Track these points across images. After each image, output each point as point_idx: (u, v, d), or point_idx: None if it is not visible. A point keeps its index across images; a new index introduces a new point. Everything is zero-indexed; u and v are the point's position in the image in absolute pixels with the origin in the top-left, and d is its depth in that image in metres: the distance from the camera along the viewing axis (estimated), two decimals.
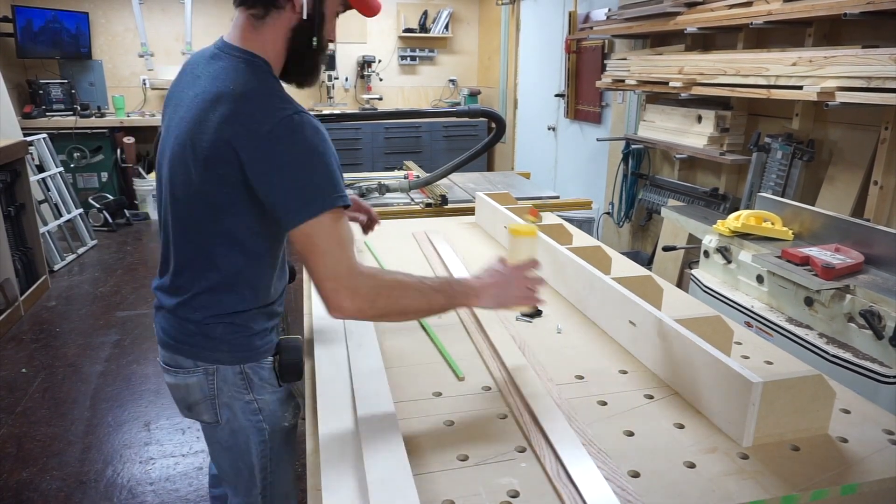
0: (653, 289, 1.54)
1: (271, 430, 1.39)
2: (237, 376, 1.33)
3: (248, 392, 1.35)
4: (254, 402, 1.36)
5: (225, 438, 1.39)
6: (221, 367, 1.31)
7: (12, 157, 4.17)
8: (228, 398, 1.34)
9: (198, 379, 1.33)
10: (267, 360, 1.36)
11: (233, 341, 1.30)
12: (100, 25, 6.61)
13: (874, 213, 2.48)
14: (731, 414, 1.08)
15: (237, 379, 1.33)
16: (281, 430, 1.42)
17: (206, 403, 1.35)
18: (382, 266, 2.00)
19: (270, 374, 1.37)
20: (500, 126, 2.81)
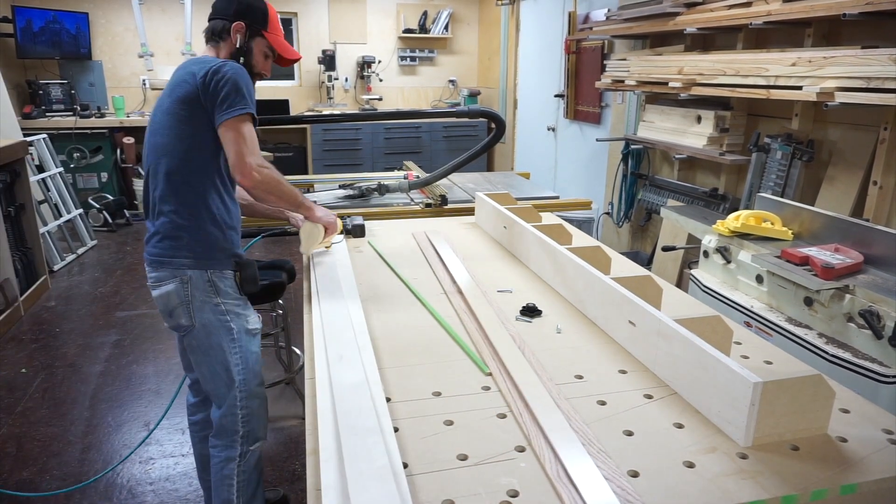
0: (652, 289, 1.54)
1: (237, 329, 1.80)
2: (206, 283, 1.75)
3: (215, 296, 1.77)
4: (221, 304, 1.78)
5: (201, 340, 1.78)
6: (193, 275, 1.73)
7: (12, 158, 4.17)
8: (200, 302, 1.75)
9: (175, 286, 1.74)
10: (228, 271, 1.80)
11: (198, 251, 1.73)
12: (100, 25, 6.61)
13: (874, 213, 2.49)
14: (730, 414, 1.08)
15: (206, 285, 1.75)
16: (246, 332, 1.82)
17: (182, 307, 1.75)
18: (389, 264, 2.00)
19: (233, 285, 1.81)
20: (500, 126, 2.82)
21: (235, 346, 1.80)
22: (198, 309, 1.75)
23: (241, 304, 1.83)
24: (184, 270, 1.73)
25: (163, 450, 2.69)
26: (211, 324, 1.77)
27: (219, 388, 1.83)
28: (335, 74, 7.13)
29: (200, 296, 1.75)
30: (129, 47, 6.70)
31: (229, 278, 1.80)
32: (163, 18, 6.75)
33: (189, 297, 1.74)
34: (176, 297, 1.75)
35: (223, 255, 1.78)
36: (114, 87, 6.72)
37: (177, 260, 1.73)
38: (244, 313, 1.83)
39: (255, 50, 1.86)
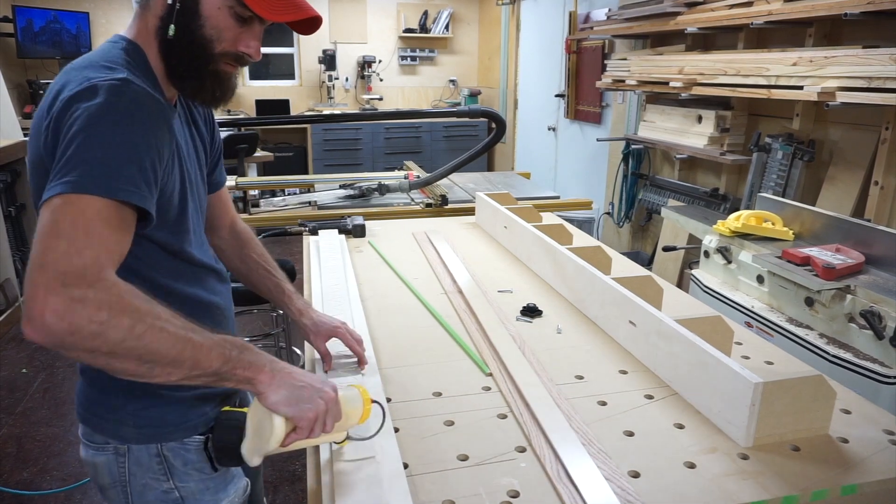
0: (653, 289, 1.54)
1: None
2: (153, 459, 1.08)
3: (166, 479, 1.10)
4: (175, 489, 1.10)
5: None
6: (133, 447, 1.07)
7: (12, 157, 4.17)
8: (141, 486, 1.09)
9: (105, 458, 1.09)
10: (192, 438, 1.10)
11: (138, 413, 1.05)
12: (100, 25, 6.61)
13: (875, 213, 2.48)
14: (731, 414, 1.08)
15: (153, 463, 1.08)
16: None
17: (116, 489, 1.10)
18: (389, 264, 2.00)
19: (200, 457, 1.11)
20: (500, 126, 2.81)
21: None
22: (137, 493, 1.10)
23: (216, 483, 1.14)
24: (119, 441, 1.08)
25: None
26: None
27: None
28: (335, 74, 7.13)
29: (143, 475, 1.09)
30: None
31: (194, 449, 1.11)
32: None
33: (125, 475, 1.09)
34: (106, 475, 1.10)
35: (181, 412, 1.09)
36: None
37: (106, 425, 1.08)
38: (214, 497, 1.14)
39: (206, 8, 0.97)
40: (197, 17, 0.98)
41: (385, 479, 0.94)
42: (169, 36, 0.98)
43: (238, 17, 0.99)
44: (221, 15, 0.98)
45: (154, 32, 1.00)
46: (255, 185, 3.29)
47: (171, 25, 0.97)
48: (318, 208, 2.80)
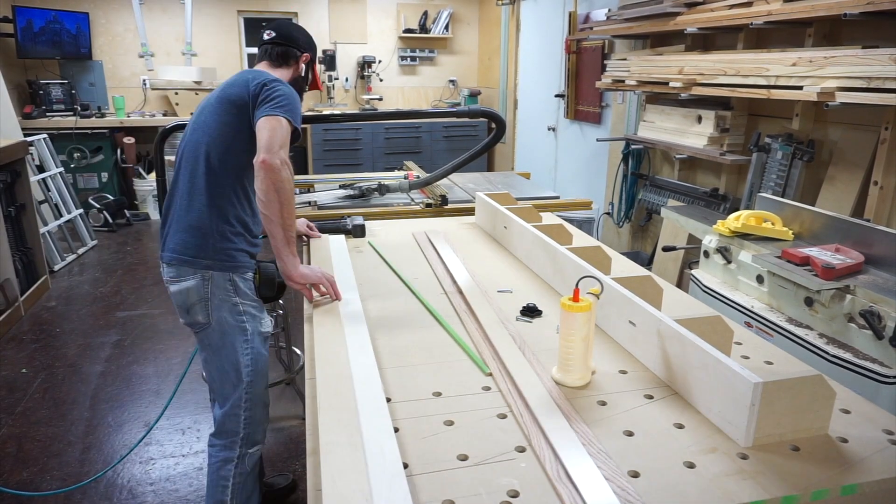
0: (653, 289, 1.54)
1: (252, 330, 1.81)
2: (227, 283, 1.77)
3: (234, 295, 1.78)
4: (238, 304, 1.79)
5: (215, 339, 1.78)
6: (215, 275, 1.75)
7: (12, 158, 4.17)
8: (219, 301, 1.76)
9: (195, 283, 1.75)
10: (248, 274, 1.82)
11: (222, 252, 1.75)
12: (100, 25, 6.61)
13: (874, 213, 2.48)
14: (730, 414, 1.08)
15: (227, 284, 1.77)
16: (259, 334, 1.83)
17: (200, 304, 1.76)
18: (389, 264, 2.00)
19: (251, 287, 1.83)
20: (500, 126, 2.81)
21: (248, 347, 1.81)
22: (216, 307, 1.77)
23: (258, 305, 1.85)
24: (206, 269, 1.75)
25: (163, 450, 2.69)
26: (227, 323, 1.78)
27: (225, 387, 1.83)
28: (335, 74, 7.13)
29: (220, 294, 1.76)
30: (130, 47, 6.71)
31: (249, 280, 1.82)
32: (163, 18, 6.75)
33: (209, 294, 1.75)
34: (195, 294, 1.76)
35: (245, 257, 1.80)
36: (114, 87, 6.72)
37: (200, 259, 1.74)
38: (259, 315, 1.85)
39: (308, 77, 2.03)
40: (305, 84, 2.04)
41: (385, 479, 0.94)
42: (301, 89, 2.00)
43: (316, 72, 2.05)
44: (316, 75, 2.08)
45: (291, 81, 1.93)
46: None
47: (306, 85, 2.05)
48: (318, 208, 2.80)
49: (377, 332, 1.50)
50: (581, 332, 1.22)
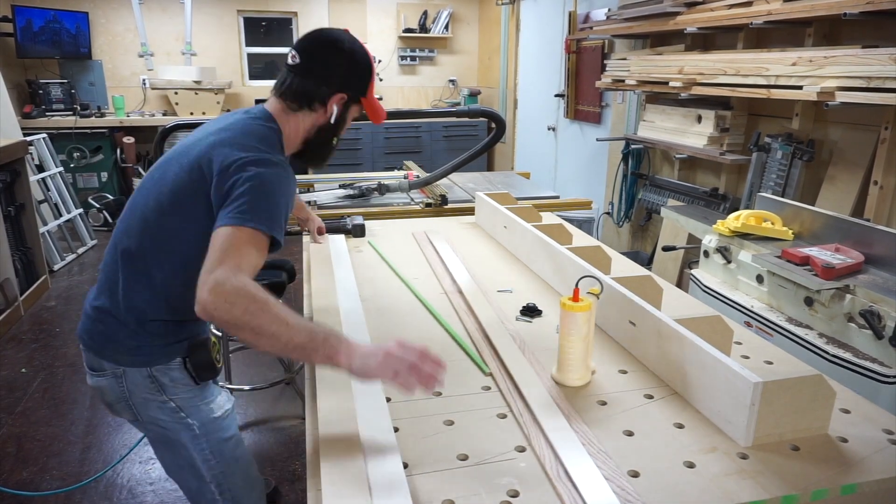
0: (653, 289, 1.54)
1: (199, 423, 1.42)
2: (146, 380, 1.37)
3: (160, 394, 1.39)
4: (169, 401, 1.39)
5: (157, 435, 1.46)
6: (128, 371, 1.37)
7: (12, 157, 4.17)
8: (142, 399, 1.39)
9: (107, 381, 1.38)
10: (173, 361, 1.39)
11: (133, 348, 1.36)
12: (100, 25, 6.61)
13: (874, 212, 2.48)
14: (730, 414, 1.08)
15: (146, 382, 1.37)
16: (212, 421, 1.44)
17: (121, 404, 1.41)
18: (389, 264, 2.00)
19: (181, 374, 1.40)
20: (500, 126, 2.81)
21: (201, 442, 1.43)
22: (140, 406, 1.40)
23: (198, 391, 1.43)
24: (115, 364, 1.37)
25: None
26: (162, 422, 1.41)
27: (189, 483, 1.50)
28: None
29: (141, 392, 1.38)
30: (129, 47, 6.70)
31: (176, 368, 1.39)
32: (163, 18, 6.74)
33: (126, 393, 1.38)
34: (111, 393, 1.40)
35: (162, 348, 1.38)
36: (114, 86, 6.72)
37: (106, 351, 1.37)
38: (204, 402, 1.44)
39: (348, 119, 1.49)
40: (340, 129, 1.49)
41: (385, 478, 0.94)
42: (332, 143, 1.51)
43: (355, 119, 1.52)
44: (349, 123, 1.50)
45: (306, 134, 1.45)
46: None
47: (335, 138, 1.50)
48: (317, 208, 2.80)
49: (377, 332, 1.50)
50: (581, 331, 1.22)
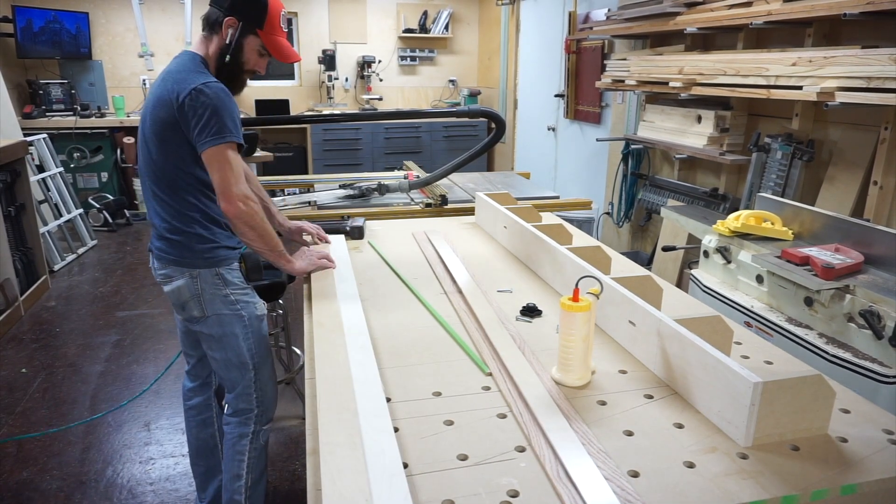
0: (652, 289, 1.54)
1: (248, 316, 1.85)
2: (214, 277, 1.80)
3: (224, 287, 1.82)
4: (230, 295, 1.82)
5: (215, 330, 1.83)
6: (202, 272, 1.79)
7: (12, 157, 4.17)
8: (211, 295, 1.80)
9: (185, 282, 1.79)
10: (234, 264, 1.84)
11: (202, 252, 1.78)
12: (100, 25, 6.61)
13: (874, 213, 2.48)
14: (730, 414, 1.08)
15: (215, 279, 1.80)
16: (256, 318, 1.88)
17: (194, 301, 1.81)
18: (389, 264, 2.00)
19: (239, 276, 1.85)
20: (500, 126, 2.82)
21: (248, 332, 1.86)
22: (209, 301, 1.81)
23: (249, 292, 1.89)
24: (192, 268, 1.78)
25: (163, 450, 2.69)
26: (223, 314, 1.82)
27: (232, 374, 1.89)
28: (335, 74, 7.13)
29: (210, 289, 1.80)
30: (129, 47, 6.71)
31: (236, 269, 1.84)
32: (163, 18, 6.75)
33: (199, 290, 1.79)
34: (187, 292, 1.80)
35: (225, 251, 1.82)
36: (114, 86, 6.72)
37: (185, 260, 1.78)
38: (252, 301, 1.88)
39: (247, 48, 1.76)
40: (241, 54, 1.77)
41: (385, 478, 0.94)
42: (225, 62, 1.77)
43: (260, 54, 1.79)
44: (253, 53, 1.78)
45: (215, 56, 1.77)
46: None
47: (227, 56, 1.76)
48: (317, 208, 2.80)
49: (377, 332, 1.50)
50: (581, 331, 1.22)
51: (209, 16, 1.76)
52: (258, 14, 1.73)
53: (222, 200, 1.67)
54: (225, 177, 1.66)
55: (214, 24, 1.74)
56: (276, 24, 1.77)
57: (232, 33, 1.73)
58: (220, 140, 1.64)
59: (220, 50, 1.75)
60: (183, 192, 1.75)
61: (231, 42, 1.74)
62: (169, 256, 1.79)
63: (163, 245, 1.80)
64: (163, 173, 1.74)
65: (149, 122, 1.72)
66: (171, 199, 1.76)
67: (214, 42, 1.76)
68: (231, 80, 1.77)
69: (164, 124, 1.68)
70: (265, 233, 1.75)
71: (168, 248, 1.79)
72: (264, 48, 1.78)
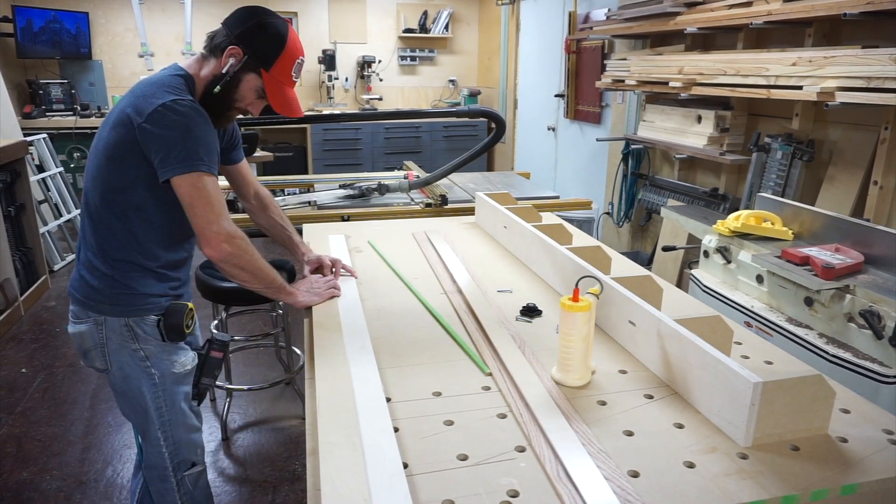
0: (652, 289, 1.54)
1: (160, 374, 1.61)
2: (123, 328, 1.56)
3: (133, 342, 1.57)
4: (140, 350, 1.58)
5: (119, 384, 1.62)
6: (108, 320, 1.56)
7: (12, 157, 4.17)
8: (117, 346, 1.57)
9: (88, 328, 1.57)
10: (150, 317, 1.58)
11: (114, 298, 1.54)
12: (100, 25, 6.61)
13: (874, 213, 2.48)
14: (730, 414, 1.08)
15: (123, 330, 1.56)
16: (171, 376, 1.63)
17: (97, 350, 1.58)
18: (389, 264, 2.00)
19: (154, 330, 1.58)
20: (500, 126, 2.82)
21: (158, 391, 1.62)
22: (114, 352, 1.58)
23: (167, 348, 1.62)
24: (98, 313, 1.56)
25: None
26: (129, 368, 1.59)
27: (139, 424, 1.68)
28: (335, 74, 7.13)
29: (117, 339, 1.57)
30: (129, 47, 6.71)
31: (150, 324, 1.58)
32: (163, 18, 6.75)
33: (103, 340, 1.57)
34: (90, 339, 1.58)
35: (145, 302, 1.57)
36: (114, 86, 6.72)
37: (90, 302, 1.56)
38: (169, 358, 1.62)
39: (245, 85, 1.54)
40: (235, 90, 1.55)
41: (385, 478, 0.94)
42: (214, 91, 1.53)
43: (259, 95, 1.57)
44: (250, 92, 1.56)
45: (207, 81, 1.55)
46: None
47: (218, 88, 1.53)
48: (317, 208, 2.80)
49: (377, 332, 1.50)
50: (581, 331, 1.22)
51: (214, 36, 1.55)
52: (269, 53, 1.52)
53: (203, 244, 1.45)
54: (202, 214, 1.42)
55: (216, 48, 1.54)
56: (286, 71, 1.56)
57: (232, 64, 1.51)
58: (190, 168, 1.41)
59: (213, 77, 1.53)
60: (118, 224, 1.51)
61: (227, 74, 1.52)
62: (76, 294, 1.58)
63: (75, 279, 1.59)
64: (102, 199, 1.50)
65: (103, 136, 1.49)
66: (100, 231, 1.53)
67: (210, 65, 1.55)
68: (216, 112, 1.56)
69: (119, 143, 1.45)
70: (258, 270, 1.54)
71: (78, 285, 1.58)
72: (264, 92, 1.56)
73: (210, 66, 1.55)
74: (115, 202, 1.50)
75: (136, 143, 1.43)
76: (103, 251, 1.53)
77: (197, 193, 1.42)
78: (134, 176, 1.47)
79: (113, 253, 1.53)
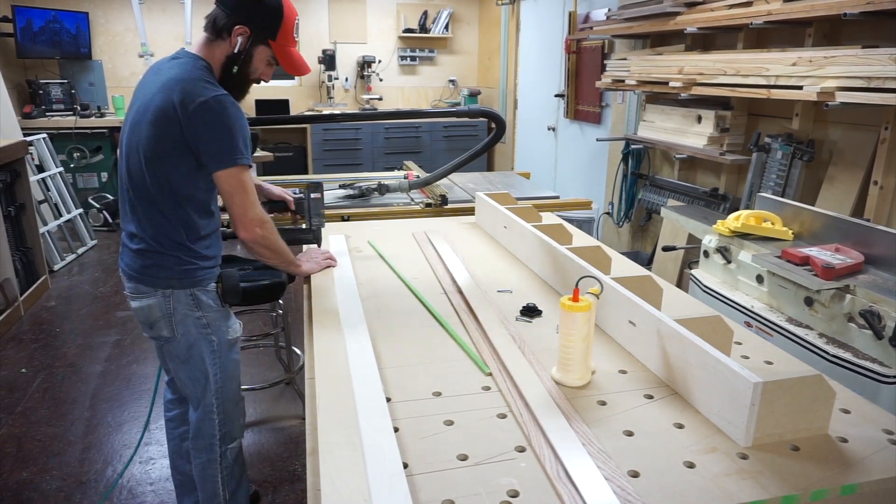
0: (652, 289, 1.54)
1: (218, 340, 1.78)
2: (188, 298, 1.72)
3: (197, 309, 1.73)
4: (202, 317, 1.74)
5: (182, 351, 1.77)
6: (175, 291, 1.70)
7: (12, 157, 4.17)
8: (182, 315, 1.72)
9: (156, 300, 1.70)
10: (210, 285, 1.75)
11: (179, 272, 1.69)
12: (100, 25, 6.61)
13: (874, 213, 2.48)
14: (730, 414, 1.08)
15: (188, 299, 1.72)
16: (227, 343, 1.81)
17: (164, 321, 1.72)
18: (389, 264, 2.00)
19: (215, 298, 1.76)
20: (500, 126, 2.81)
21: (215, 357, 1.79)
22: (179, 322, 1.73)
23: (223, 314, 1.80)
24: (166, 287, 1.70)
25: (163, 450, 2.68)
26: (192, 336, 1.75)
27: (196, 393, 1.83)
28: (335, 74, 7.13)
29: (183, 309, 1.72)
30: (129, 47, 6.70)
31: (212, 291, 1.76)
32: (163, 18, 6.74)
33: (171, 310, 1.71)
34: (157, 311, 1.71)
35: (203, 272, 1.73)
36: (114, 86, 6.72)
37: (159, 279, 1.69)
38: (225, 324, 1.81)
39: (256, 58, 1.67)
40: (250, 64, 1.68)
41: (385, 478, 0.94)
42: (233, 71, 1.67)
43: (269, 63, 1.72)
44: (262, 63, 1.70)
45: (221, 63, 1.66)
46: None
47: (235, 68, 1.67)
48: None
49: (377, 332, 1.50)
50: (581, 331, 1.22)
51: (216, 19, 1.63)
52: (272, 24, 1.64)
53: (239, 227, 1.65)
54: (241, 202, 1.62)
55: (222, 29, 1.62)
56: (289, 34, 1.68)
57: (242, 42, 1.62)
58: (233, 163, 1.58)
59: (228, 58, 1.65)
60: (170, 209, 1.65)
61: (241, 52, 1.64)
62: (142, 273, 1.69)
63: (135, 260, 1.69)
64: (151, 189, 1.62)
65: (144, 133, 1.59)
66: (154, 216, 1.65)
67: (221, 48, 1.64)
68: (238, 89, 1.70)
69: (165, 139, 1.57)
70: (280, 249, 1.76)
71: (141, 265, 1.69)
72: (275, 58, 1.71)
73: (221, 48, 1.65)
74: (165, 192, 1.62)
75: (181, 136, 1.56)
76: (164, 235, 1.66)
77: (238, 185, 1.61)
78: (186, 169, 1.61)
79: (174, 236, 1.66)
